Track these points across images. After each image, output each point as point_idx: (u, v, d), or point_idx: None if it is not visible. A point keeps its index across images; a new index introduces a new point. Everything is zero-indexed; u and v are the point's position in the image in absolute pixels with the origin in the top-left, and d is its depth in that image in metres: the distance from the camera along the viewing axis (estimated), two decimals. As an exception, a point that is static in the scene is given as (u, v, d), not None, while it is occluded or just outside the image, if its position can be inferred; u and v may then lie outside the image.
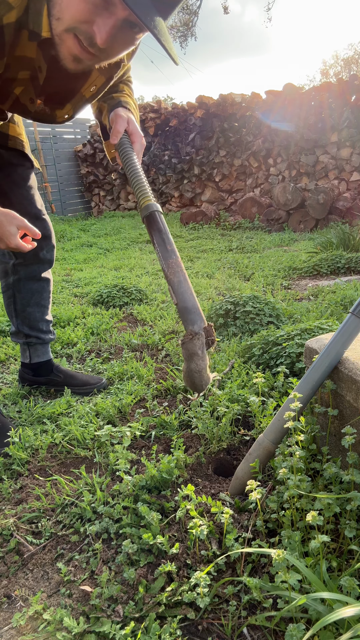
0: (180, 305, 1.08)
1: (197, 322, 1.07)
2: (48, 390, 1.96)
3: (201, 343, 1.07)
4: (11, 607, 1.00)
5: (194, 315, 1.07)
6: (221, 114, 7.78)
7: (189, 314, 1.07)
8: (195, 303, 1.09)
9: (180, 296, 1.08)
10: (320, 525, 1.02)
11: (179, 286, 1.09)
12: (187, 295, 1.08)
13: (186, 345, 1.07)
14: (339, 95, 6.71)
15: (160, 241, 1.12)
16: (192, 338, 1.05)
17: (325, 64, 36.63)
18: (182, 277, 1.10)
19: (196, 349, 1.06)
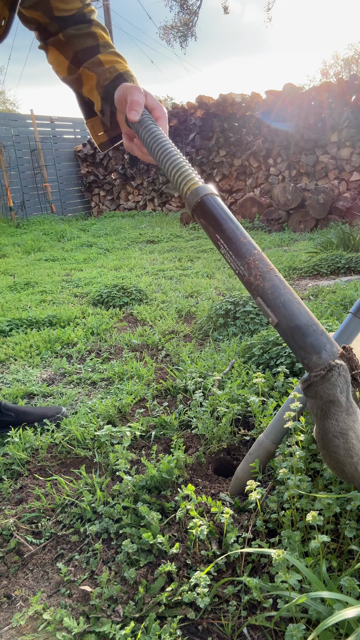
0: (285, 325, 0.67)
1: (324, 348, 0.65)
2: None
3: (343, 381, 0.63)
4: (11, 607, 1.00)
5: (315, 337, 0.66)
6: (221, 114, 7.78)
7: (306, 336, 0.66)
8: (311, 317, 0.68)
9: (283, 309, 0.68)
10: (320, 525, 1.02)
11: (275, 294, 0.69)
12: (293, 306, 0.68)
13: (314, 388, 0.63)
14: (339, 95, 6.71)
15: (229, 233, 0.76)
16: (326, 375, 0.62)
17: (325, 63, 36.63)
18: (278, 280, 0.71)
19: (336, 393, 0.62)
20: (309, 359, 0.65)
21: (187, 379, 1.88)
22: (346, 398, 0.63)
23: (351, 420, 0.63)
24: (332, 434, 0.62)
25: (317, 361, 0.65)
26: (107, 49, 1.11)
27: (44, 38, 1.14)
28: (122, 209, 9.57)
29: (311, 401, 0.65)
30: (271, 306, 0.69)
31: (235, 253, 0.75)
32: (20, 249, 6.14)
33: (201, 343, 2.43)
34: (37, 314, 2.93)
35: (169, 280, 3.85)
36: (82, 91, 1.11)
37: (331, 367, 0.63)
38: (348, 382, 0.63)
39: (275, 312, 0.69)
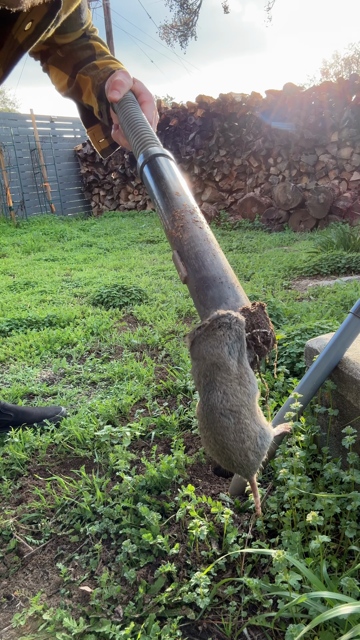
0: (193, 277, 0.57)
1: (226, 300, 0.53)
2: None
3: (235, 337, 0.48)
4: (11, 608, 0.99)
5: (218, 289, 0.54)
6: (221, 114, 7.77)
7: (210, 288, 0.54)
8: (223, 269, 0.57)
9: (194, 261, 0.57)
10: (320, 526, 1.02)
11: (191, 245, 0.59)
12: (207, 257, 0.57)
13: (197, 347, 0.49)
14: (339, 95, 6.70)
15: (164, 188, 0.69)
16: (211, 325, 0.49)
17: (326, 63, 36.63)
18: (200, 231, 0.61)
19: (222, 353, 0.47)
20: (207, 314, 0.52)
21: (187, 379, 1.88)
22: (237, 361, 0.47)
23: (244, 394, 0.47)
24: (219, 411, 0.46)
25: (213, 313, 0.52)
26: (103, 56, 1.09)
27: (44, 60, 1.12)
28: (122, 209, 9.57)
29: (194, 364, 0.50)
30: (184, 258, 0.59)
31: (165, 206, 0.67)
32: (20, 249, 6.13)
33: (201, 343, 2.43)
34: (37, 314, 2.93)
35: (169, 280, 3.85)
36: (82, 99, 1.08)
37: (218, 317, 0.48)
38: (242, 341, 0.48)
39: (187, 264, 0.58)
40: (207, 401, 0.47)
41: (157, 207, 0.70)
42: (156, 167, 0.74)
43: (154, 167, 0.74)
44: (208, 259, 0.58)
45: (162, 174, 0.72)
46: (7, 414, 1.65)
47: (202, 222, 0.64)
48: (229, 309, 0.50)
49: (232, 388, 0.46)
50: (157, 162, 0.75)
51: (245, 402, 0.47)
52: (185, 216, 0.64)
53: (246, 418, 0.47)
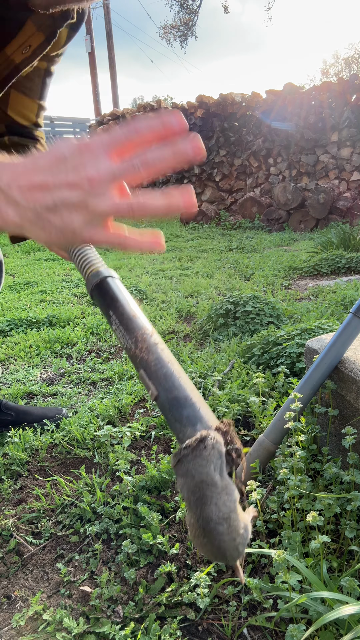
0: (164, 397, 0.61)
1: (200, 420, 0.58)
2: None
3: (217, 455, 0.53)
4: (11, 608, 0.99)
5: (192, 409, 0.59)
6: (221, 114, 7.77)
7: (184, 408, 0.60)
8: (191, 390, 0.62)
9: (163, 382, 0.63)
10: (320, 526, 1.02)
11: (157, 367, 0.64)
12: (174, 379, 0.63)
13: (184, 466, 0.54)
14: (339, 95, 6.70)
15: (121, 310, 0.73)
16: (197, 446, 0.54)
17: (326, 63, 36.63)
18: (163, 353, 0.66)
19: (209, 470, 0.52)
20: (184, 432, 0.58)
21: (187, 379, 1.88)
22: (220, 475, 0.53)
23: (231, 501, 0.53)
24: (214, 521, 0.52)
25: (191, 433, 0.57)
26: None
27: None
28: (122, 209, 9.57)
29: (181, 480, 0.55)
30: (152, 378, 0.64)
31: (125, 327, 0.71)
32: (19, 249, 6.14)
33: (201, 343, 2.43)
34: (37, 313, 2.93)
35: (169, 280, 3.85)
36: None
37: (203, 438, 0.54)
38: (222, 457, 0.54)
39: (156, 384, 0.64)
40: (202, 514, 0.52)
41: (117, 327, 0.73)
42: (109, 288, 0.77)
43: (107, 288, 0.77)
44: (176, 381, 0.63)
45: (117, 295, 0.76)
46: (8, 413, 1.65)
47: (161, 344, 0.68)
48: (204, 428, 0.56)
49: (222, 499, 0.52)
50: (109, 283, 0.78)
51: (233, 508, 0.52)
52: (147, 339, 0.67)
53: (235, 520, 0.52)
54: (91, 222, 0.47)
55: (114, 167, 0.46)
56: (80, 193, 0.45)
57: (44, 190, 0.44)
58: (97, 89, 14.37)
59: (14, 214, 0.45)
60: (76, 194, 0.45)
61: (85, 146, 0.46)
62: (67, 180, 0.44)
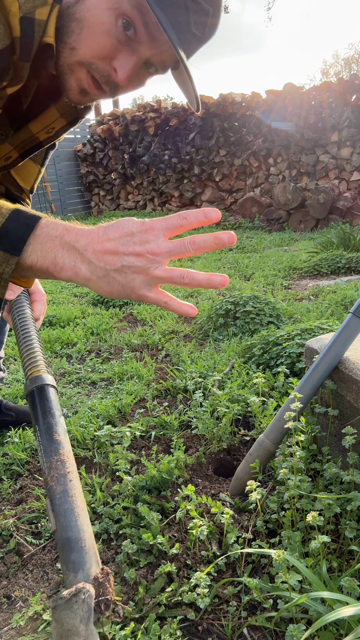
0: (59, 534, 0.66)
1: (82, 568, 0.64)
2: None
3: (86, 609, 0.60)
4: (11, 608, 0.99)
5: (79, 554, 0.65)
6: (221, 114, 7.77)
7: (70, 551, 0.65)
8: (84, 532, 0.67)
9: (62, 518, 0.67)
10: (320, 526, 1.02)
11: (61, 501, 0.68)
12: (72, 517, 0.67)
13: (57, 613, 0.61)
14: (339, 95, 6.71)
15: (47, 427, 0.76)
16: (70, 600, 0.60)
17: (326, 63, 36.64)
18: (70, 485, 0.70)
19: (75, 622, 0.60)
20: (67, 576, 0.64)
21: (187, 379, 1.88)
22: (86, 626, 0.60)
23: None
24: None
25: (72, 580, 0.63)
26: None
27: None
28: (122, 209, 9.57)
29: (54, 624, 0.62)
30: (55, 512, 0.68)
31: (44, 447, 0.74)
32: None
33: (201, 343, 2.43)
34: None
35: (169, 280, 3.85)
36: None
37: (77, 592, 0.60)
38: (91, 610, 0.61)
39: (57, 519, 0.67)
40: None
41: (39, 444, 0.76)
42: (45, 398, 0.80)
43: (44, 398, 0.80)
44: (74, 520, 0.67)
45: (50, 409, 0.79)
46: (9, 414, 1.65)
47: (72, 474, 0.71)
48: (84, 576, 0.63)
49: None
50: (47, 393, 0.81)
51: None
52: (59, 466, 0.71)
53: None
54: (148, 284, 0.61)
55: (171, 246, 0.61)
56: (144, 261, 0.59)
57: (114, 255, 0.59)
58: (97, 89, 14.34)
59: (86, 270, 0.60)
60: (140, 261, 0.59)
61: (150, 227, 0.61)
62: (135, 250, 0.59)
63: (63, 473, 0.71)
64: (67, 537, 0.65)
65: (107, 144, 9.40)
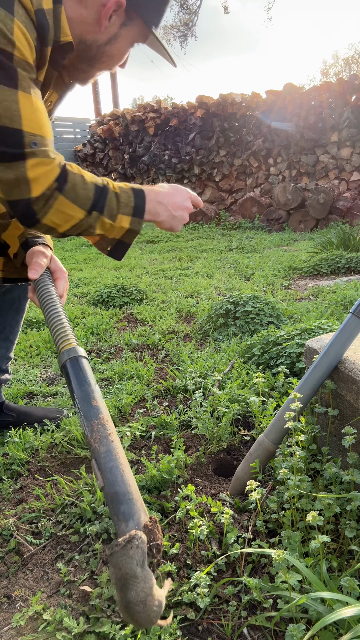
0: (108, 490, 0.74)
1: (132, 517, 0.71)
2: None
3: (140, 554, 0.67)
4: (11, 607, 0.99)
5: (128, 505, 0.72)
6: (221, 114, 7.78)
7: (120, 503, 0.72)
8: (130, 485, 0.75)
9: (109, 475, 0.74)
10: (320, 526, 1.02)
11: (106, 459, 0.76)
12: (118, 473, 0.75)
13: (115, 559, 0.67)
14: (339, 95, 6.71)
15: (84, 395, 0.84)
16: (125, 546, 0.67)
17: (325, 63, 36.64)
18: (113, 445, 0.78)
19: (133, 566, 0.67)
20: (119, 526, 0.72)
21: (187, 379, 1.88)
22: (142, 568, 0.68)
23: (148, 588, 0.68)
24: (133, 603, 0.68)
25: (124, 529, 0.71)
26: None
27: None
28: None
29: (111, 569, 0.69)
30: (101, 470, 0.76)
31: (84, 414, 0.82)
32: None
33: (201, 343, 2.43)
34: (37, 314, 2.93)
35: (169, 280, 3.85)
36: (2, 235, 1.25)
37: (131, 539, 0.68)
38: (144, 554, 0.68)
39: (103, 476, 0.75)
40: (124, 597, 0.67)
41: (78, 411, 0.84)
42: (80, 368, 0.89)
43: (78, 368, 0.89)
44: (120, 476, 0.75)
45: (86, 378, 0.87)
46: (10, 414, 1.65)
47: (113, 435, 0.80)
48: (135, 525, 0.71)
49: (140, 587, 0.67)
50: (81, 363, 0.89)
51: (149, 592, 0.68)
52: (100, 429, 0.79)
53: (150, 602, 0.68)
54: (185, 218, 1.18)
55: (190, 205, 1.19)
56: (187, 211, 1.18)
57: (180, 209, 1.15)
58: (97, 89, 14.36)
59: (167, 217, 1.14)
60: (187, 212, 1.18)
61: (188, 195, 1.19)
62: (186, 207, 1.17)
63: (105, 435, 0.79)
64: (115, 491, 0.73)
65: (107, 144, 9.41)
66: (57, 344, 0.93)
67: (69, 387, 0.88)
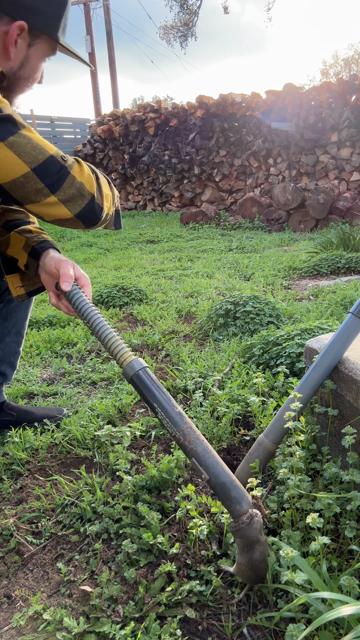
0: (215, 481, 0.89)
1: (243, 499, 0.88)
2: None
3: (260, 525, 0.88)
4: (11, 607, 0.99)
5: (236, 491, 0.89)
6: (221, 114, 7.78)
7: (229, 490, 0.89)
8: (231, 474, 0.91)
9: (212, 469, 0.90)
10: (320, 526, 1.02)
11: (205, 457, 0.91)
12: (219, 466, 0.90)
13: (244, 532, 0.86)
14: (339, 95, 6.71)
15: (163, 405, 0.95)
16: (250, 521, 0.86)
17: (325, 63, 36.64)
18: (205, 444, 0.93)
19: (257, 534, 0.87)
20: (234, 507, 0.88)
21: (187, 379, 1.88)
22: (262, 535, 0.88)
23: (266, 549, 0.89)
24: (258, 561, 0.88)
25: (240, 509, 0.88)
26: (35, 225, 1.37)
27: None
28: (122, 209, 9.57)
29: (239, 540, 0.88)
30: (203, 466, 0.90)
31: (171, 420, 0.94)
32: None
33: (201, 343, 2.43)
34: (37, 314, 2.93)
35: (169, 280, 3.85)
36: (6, 251, 1.32)
37: (252, 516, 0.87)
38: (262, 524, 0.89)
39: (207, 471, 0.90)
40: (251, 558, 0.88)
41: (162, 417, 0.95)
42: (152, 379, 0.98)
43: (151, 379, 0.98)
44: (221, 468, 0.90)
45: (160, 387, 0.97)
46: (10, 413, 1.65)
47: (201, 435, 0.94)
48: (247, 504, 0.89)
49: (262, 548, 0.89)
50: (150, 374, 0.99)
51: (267, 552, 0.90)
52: (191, 432, 0.93)
53: (268, 557, 0.92)
54: None
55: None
56: None
57: None
58: (97, 89, 14.37)
59: None
60: None
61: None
62: None
63: (196, 436, 0.93)
64: (222, 481, 0.89)
65: (107, 144, 9.41)
66: (116, 357, 1.01)
67: (144, 397, 0.97)
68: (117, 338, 1.03)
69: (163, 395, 0.95)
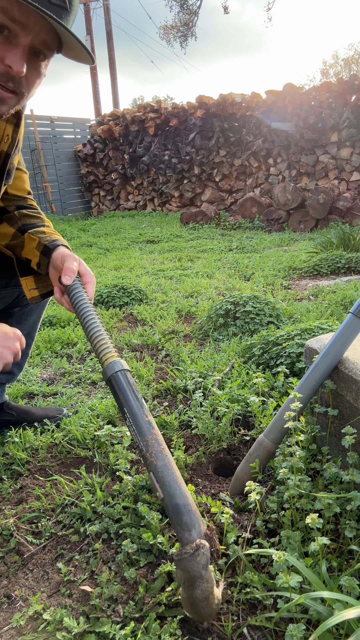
0: (168, 501, 0.82)
1: (194, 527, 0.81)
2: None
3: (205, 559, 0.79)
4: (11, 607, 0.99)
5: (189, 516, 0.81)
6: (221, 114, 7.78)
7: (182, 514, 0.81)
8: (188, 497, 0.83)
9: (168, 488, 0.82)
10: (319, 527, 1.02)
11: (164, 473, 0.83)
12: (176, 486, 0.83)
13: (185, 564, 0.78)
14: (339, 95, 6.71)
15: (133, 410, 0.90)
16: (194, 553, 0.78)
17: (325, 63, 36.62)
18: (167, 459, 0.86)
19: (200, 569, 0.78)
20: (182, 534, 0.81)
21: (187, 379, 1.88)
22: (205, 570, 0.79)
23: (210, 587, 0.80)
24: (198, 600, 0.81)
25: (188, 538, 0.80)
26: (50, 228, 1.38)
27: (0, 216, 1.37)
28: (122, 209, 9.57)
29: (180, 572, 0.80)
30: (160, 482, 0.83)
31: (138, 428, 0.89)
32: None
33: (201, 343, 2.43)
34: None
35: (169, 280, 3.85)
36: (21, 253, 1.32)
37: (198, 547, 0.79)
38: (208, 558, 0.79)
39: (162, 489, 0.83)
40: (191, 595, 0.80)
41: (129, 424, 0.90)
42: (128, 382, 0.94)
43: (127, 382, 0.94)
44: (178, 489, 0.82)
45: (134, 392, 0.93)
46: (10, 413, 1.65)
47: (166, 449, 0.88)
48: (197, 533, 0.81)
49: (204, 586, 0.80)
50: (127, 377, 0.95)
51: (211, 590, 0.81)
52: (154, 444, 0.87)
53: (213, 598, 0.82)
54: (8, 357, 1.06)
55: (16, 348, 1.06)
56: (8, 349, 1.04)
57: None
58: (97, 89, 14.37)
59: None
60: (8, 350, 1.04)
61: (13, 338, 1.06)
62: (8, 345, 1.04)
63: (159, 450, 0.86)
64: (175, 503, 0.82)
65: (107, 144, 9.41)
66: (99, 355, 0.97)
67: (117, 400, 0.93)
68: (104, 337, 1.00)
69: (136, 402, 0.91)
